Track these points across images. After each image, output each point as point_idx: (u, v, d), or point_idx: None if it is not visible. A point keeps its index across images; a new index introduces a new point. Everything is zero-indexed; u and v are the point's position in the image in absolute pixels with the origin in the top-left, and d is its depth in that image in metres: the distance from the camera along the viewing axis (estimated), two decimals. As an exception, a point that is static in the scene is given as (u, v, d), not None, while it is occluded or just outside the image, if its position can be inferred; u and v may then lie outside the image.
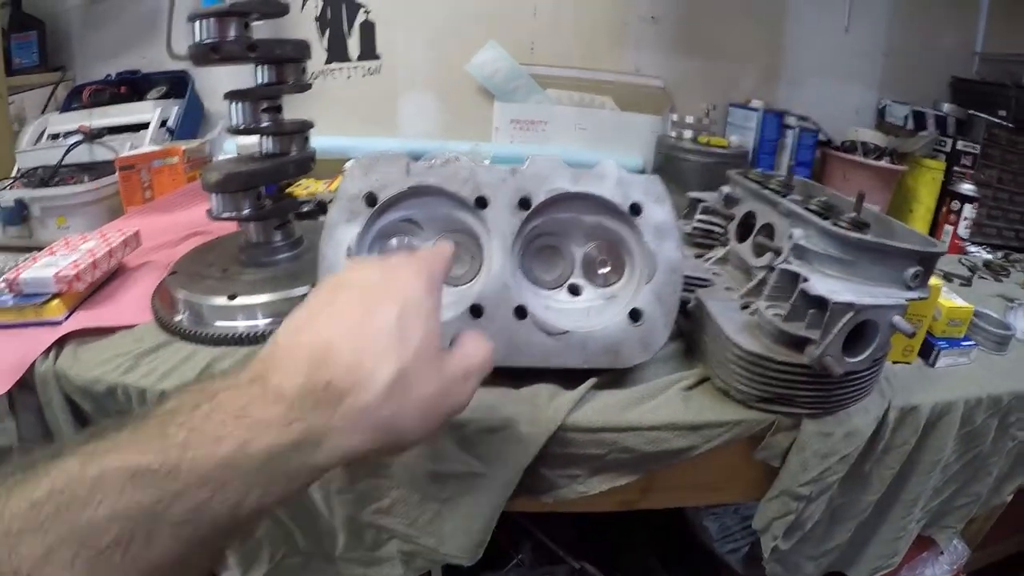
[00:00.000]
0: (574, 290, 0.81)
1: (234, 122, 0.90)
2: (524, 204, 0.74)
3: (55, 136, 1.50)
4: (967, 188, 1.57)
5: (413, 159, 0.75)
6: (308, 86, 0.94)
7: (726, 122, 1.79)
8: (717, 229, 1.05)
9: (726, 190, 1.05)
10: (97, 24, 1.70)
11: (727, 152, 1.56)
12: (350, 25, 1.68)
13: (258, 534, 0.83)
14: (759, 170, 1.06)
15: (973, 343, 0.99)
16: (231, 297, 0.86)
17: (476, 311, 0.73)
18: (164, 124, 1.55)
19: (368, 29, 1.68)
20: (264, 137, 0.93)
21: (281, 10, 0.90)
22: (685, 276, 0.83)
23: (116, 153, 1.37)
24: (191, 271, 0.94)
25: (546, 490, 0.78)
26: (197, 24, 0.84)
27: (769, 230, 0.90)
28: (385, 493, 0.77)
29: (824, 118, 1.72)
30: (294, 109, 0.96)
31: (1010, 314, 1.16)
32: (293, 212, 1.00)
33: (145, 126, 1.51)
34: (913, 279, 0.74)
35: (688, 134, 1.61)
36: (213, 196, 0.89)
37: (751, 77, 1.82)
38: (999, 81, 1.77)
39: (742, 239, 0.97)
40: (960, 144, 1.61)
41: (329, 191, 1.42)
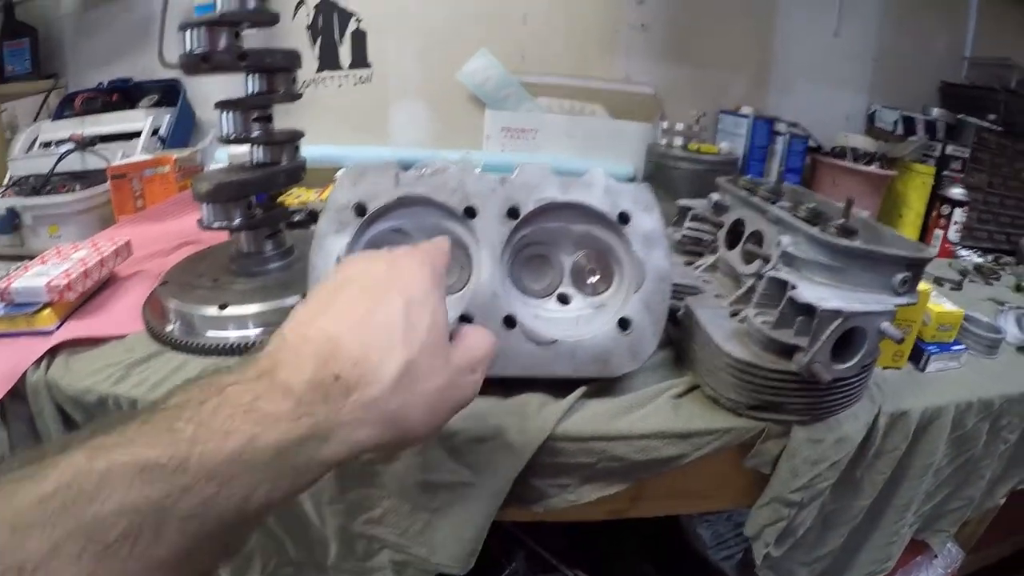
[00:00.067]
0: (563, 299, 0.81)
1: (225, 131, 0.90)
2: (513, 213, 0.74)
3: (47, 144, 1.50)
4: (957, 192, 1.57)
5: (404, 167, 0.75)
6: (298, 95, 0.94)
7: (716, 129, 1.79)
8: (706, 237, 1.06)
9: (715, 197, 1.05)
10: (89, 32, 1.70)
11: (717, 159, 1.56)
12: (341, 33, 1.68)
13: (250, 544, 0.83)
14: (748, 177, 1.07)
15: (963, 347, 1.00)
16: (222, 307, 0.86)
17: (465, 320, 0.73)
18: (156, 133, 1.55)
19: (359, 38, 1.68)
20: (255, 146, 0.93)
21: (271, 19, 0.90)
22: (674, 284, 0.83)
23: (108, 162, 1.37)
24: (182, 281, 0.94)
25: (536, 499, 0.78)
26: (187, 33, 0.83)
27: (758, 237, 0.91)
28: (376, 503, 0.76)
29: (814, 124, 1.73)
30: (286, 117, 0.96)
31: (1000, 318, 1.16)
32: (284, 222, 1.00)
33: (137, 134, 1.51)
34: (901, 285, 0.75)
35: (678, 141, 1.61)
36: (204, 206, 0.89)
37: (741, 84, 1.83)
38: (988, 85, 1.78)
39: (731, 246, 0.97)
40: (950, 149, 1.62)
41: (321, 200, 1.42)
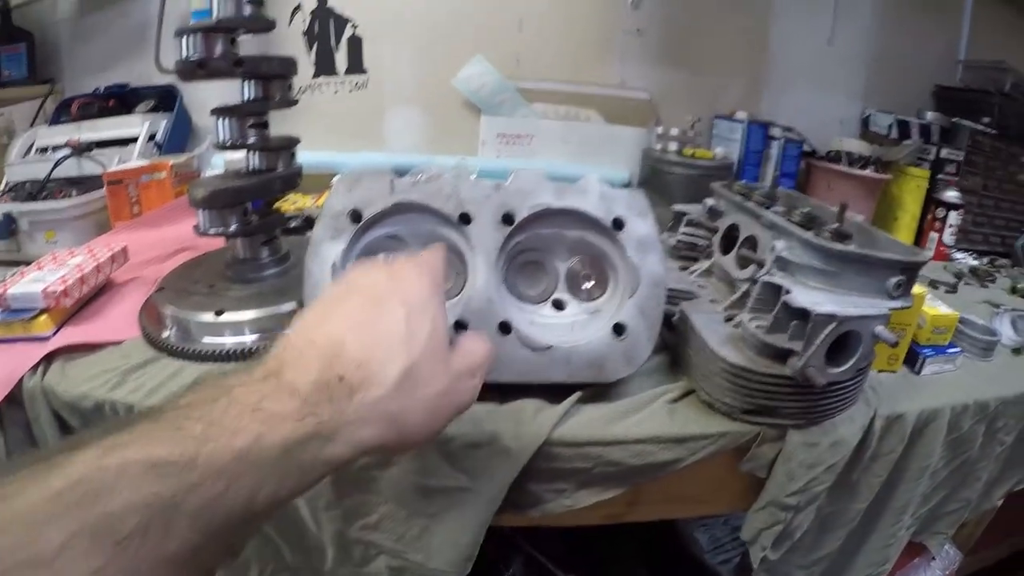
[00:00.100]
0: (558, 305, 0.81)
1: (221, 138, 0.90)
2: (507, 220, 0.74)
3: (43, 150, 1.50)
4: (952, 195, 1.58)
5: (400, 174, 0.75)
6: (294, 102, 0.94)
7: (711, 134, 1.79)
8: (701, 242, 1.06)
9: (710, 203, 1.05)
10: (86, 37, 1.70)
11: (712, 164, 1.56)
12: (337, 40, 1.68)
13: (247, 550, 0.83)
14: (742, 182, 1.07)
15: (959, 350, 1.00)
16: (218, 313, 0.86)
17: (460, 326, 0.73)
18: (152, 138, 1.55)
19: (355, 44, 1.69)
20: (251, 153, 0.93)
21: (267, 26, 0.90)
22: (669, 289, 0.83)
23: (104, 167, 1.37)
24: (178, 287, 0.94)
25: (533, 504, 0.78)
26: (184, 40, 0.84)
27: (752, 242, 0.91)
28: (372, 509, 0.77)
29: (809, 129, 1.73)
30: (282, 123, 0.96)
31: (996, 320, 1.17)
32: (280, 228, 1.00)
33: (133, 140, 1.51)
34: (896, 288, 0.75)
35: (673, 146, 1.61)
36: (200, 212, 0.89)
37: (736, 89, 1.83)
38: (983, 88, 1.78)
39: (726, 251, 0.98)
40: (944, 152, 1.63)
41: (317, 206, 1.42)
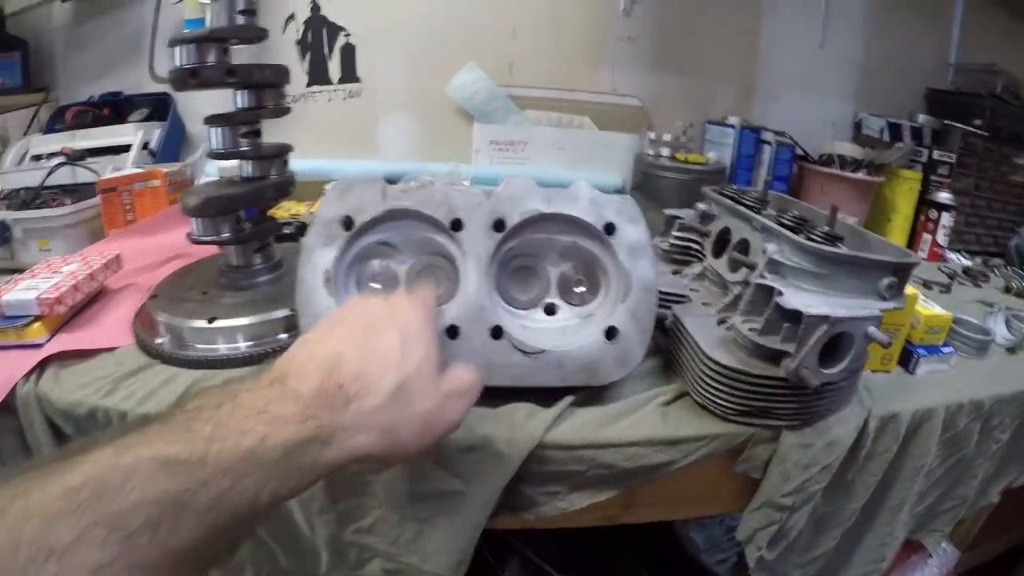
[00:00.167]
0: (550, 310, 0.81)
1: (213, 146, 0.90)
2: (498, 226, 0.75)
3: (38, 157, 1.50)
4: (944, 197, 1.59)
5: (393, 181, 0.76)
6: (287, 110, 0.94)
7: (703, 139, 1.80)
8: (694, 246, 1.06)
9: (702, 207, 1.05)
10: (81, 45, 1.71)
11: (705, 169, 1.57)
12: (331, 48, 1.69)
13: (241, 553, 0.83)
14: (734, 186, 1.07)
15: (952, 350, 1.00)
16: (211, 320, 0.86)
17: (452, 332, 0.73)
18: (146, 146, 1.55)
19: (349, 52, 1.69)
20: (243, 161, 0.93)
21: (260, 35, 0.90)
22: (662, 292, 0.84)
23: (98, 175, 1.37)
24: (171, 294, 0.94)
25: (527, 507, 0.78)
26: (177, 50, 0.84)
27: (744, 245, 0.91)
28: (366, 512, 0.77)
29: (801, 133, 1.73)
30: (276, 132, 0.96)
31: (989, 319, 1.17)
32: (273, 235, 1.00)
33: (127, 148, 1.51)
34: (888, 290, 0.75)
35: (666, 152, 1.61)
36: (193, 220, 0.89)
37: (728, 94, 1.84)
38: (974, 91, 1.80)
39: (718, 255, 0.98)
40: (936, 154, 1.64)
41: (310, 213, 1.42)
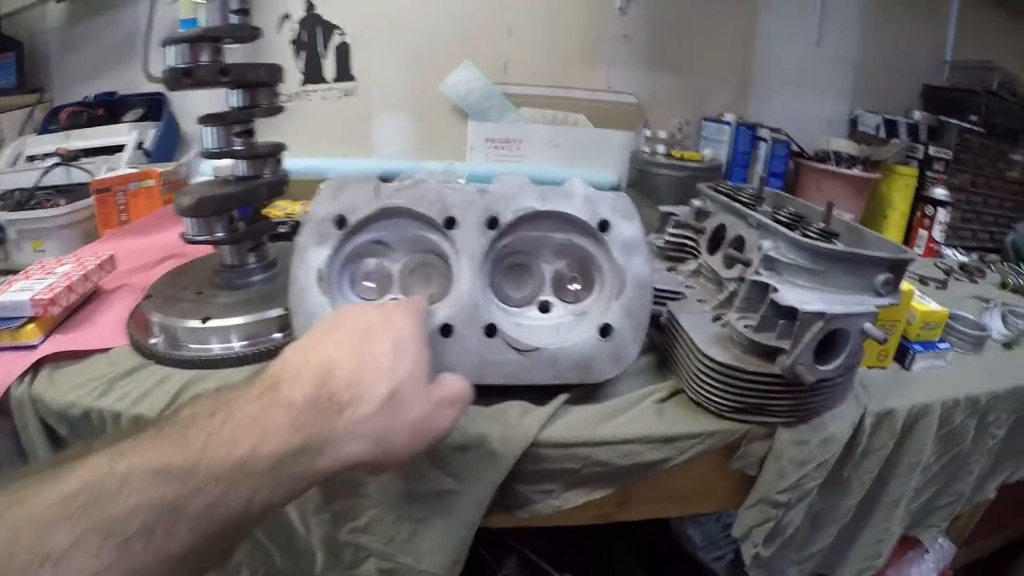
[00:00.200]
0: (544, 307, 0.81)
1: (207, 146, 0.90)
2: (492, 224, 0.74)
3: (32, 158, 1.50)
4: (940, 193, 1.59)
5: (389, 179, 0.76)
6: (280, 109, 0.94)
7: (699, 136, 1.80)
8: (689, 243, 1.06)
9: (697, 204, 1.05)
10: (75, 46, 1.70)
11: (701, 166, 1.57)
12: (326, 47, 1.68)
13: (237, 554, 0.83)
14: (730, 183, 1.07)
15: (949, 346, 1.00)
16: (204, 320, 0.86)
17: (446, 331, 0.73)
18: (141, 146, 1.54)
19: (343, 51, 1.69)
20: (237, 160, 0.93)
21: (253, 34, 0.90)
22: (657, 289, 0.83)
23: (92, 176, 1.36)
24: (165, 294, 0.94)
25: (521, 505, 0.78)
26: (170, 49, 0.83)
27: (739, 242, 0.91)
28: (361, 512, 0.77)
29: (797, 129, 1.73)
30: (272, 131, 0.96)
31: (985, 315, 1.17)
32: (267, 234, 1.00)
33: (122, 148, 1.51)
34: (883, 286, 0.75)
35: (661, 149, 1.61)
36: (186, 220, 0.89)
37: (723, 91, 1.83)
38: (970, 88, 1.80)
39: (713, 252, 0.98)
40: (932, 150, 1.64)
41: (305, 212, 1.42)
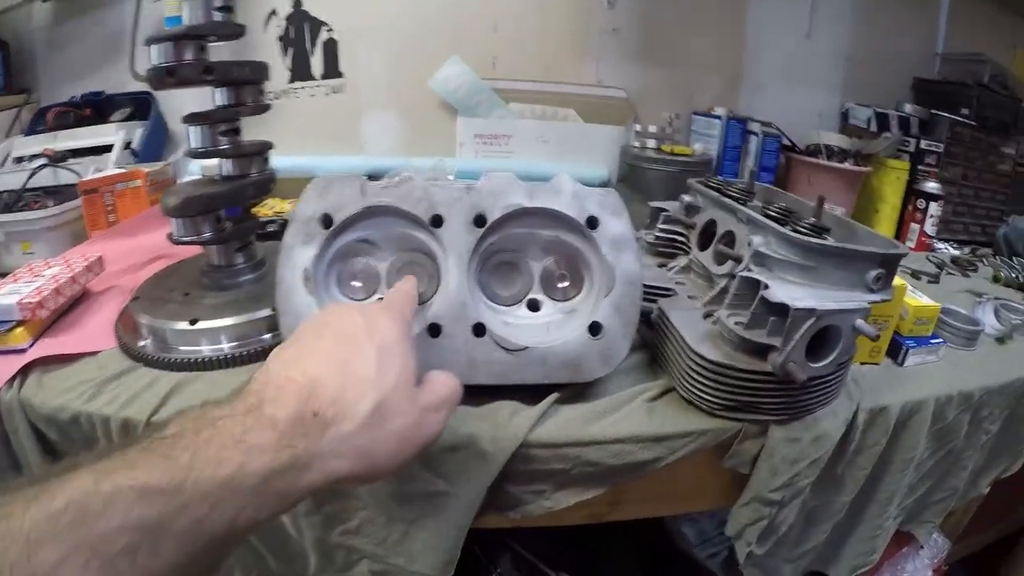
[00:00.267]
0: (533, 305, 0.81)
1: (193, 145, 0.89)
2: (479, 221, 0.74)
3: (20, 159, 1.48)
4: (932, 186, 1.59)
5: (378, 176, 0.75)
6: (267, 107, 0.93)
7: (690, 130, 1.79)
8: (679, 238, 1.06)
9: (687, 199, 1.05)
10: (62, 45, 1.68)
11: (691, 160, 1.56)
12: (313, 44, 1.67)
13: (229, 559, 0.83)
14: (720, 177, 1.07)
15: (941, 340, 1.00)
16: (192, 322, 0.85)
17: (434, 330, 0.73)
18: (128, 146, 1.53)
19: (331, 47, 1.68)
20: (224, 159, 0.92)
21: (238, 31, 0.89)
22: (647, 286, 0.83)
23: (80, 176, 1.36)
24: (153, 296, 0.93)
25: (513, 506, 0.78)
26: (153, 48, 0.83)
27: (730, 238, 0.90)
28: (352, 514, 0.76)
29: (787, 123, 1.73)
30: (259, 129, 0.95)
31: (978, 309, 1.17)
32: (255, 234, 0.99)
33: (110, 148, 1.50)
34: (875, 281, 0.75)
35: (652, 143, 1.61)
36: (173, 220, 0.88)
37: (714, 85, 1.83)
38: (961, 81, 1.80)
39: (704, 247, 0.97)
40: (924, 143, 1.64)
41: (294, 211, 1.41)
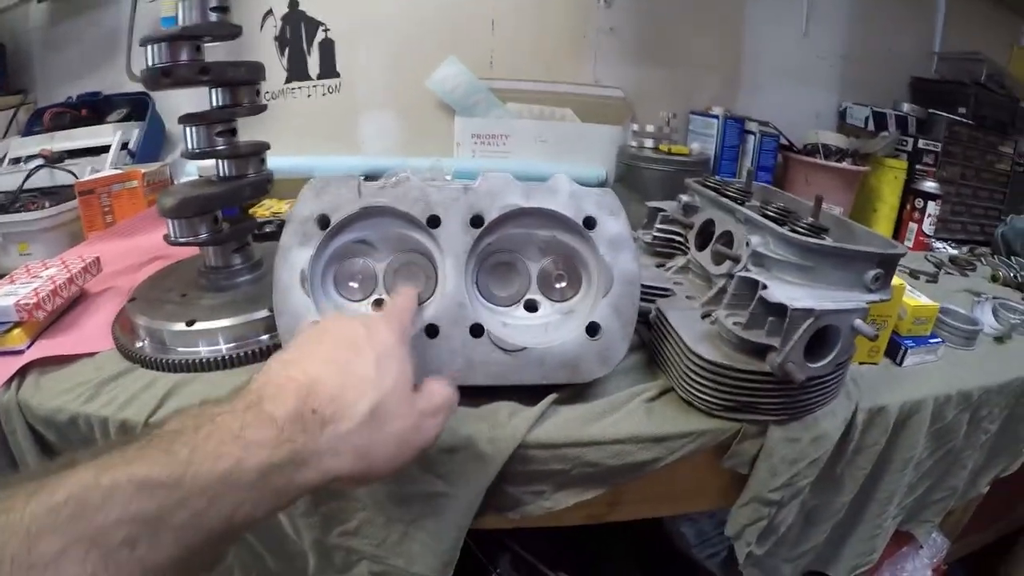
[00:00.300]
0: (531, 306, 0.80)
1: (189, 146, 0.89)
2: (476, 222, 0.74)
3: (16, 160, 1.48)
4: (930, 186, 1.59)
5: (375, 176, 0.75)
6: (263, 108, 0.93)
7: (687, 130, 1.79)
8: (677, 238, 1.05)
9: (684, 199, 1.05)
10: (58, 46, 1.68)
11: (689, 160, 1.56)
12: (309, 44, 1.67)
13: (228, 559, 0.83)
14: (717, 177, 1.07)
15: (940, 340, 1.00)
16: (190, 323, 0.85)
17: (432, 331, 0.73)
18: (125, 147, 1.53)
19: (328, 47, 1.68)
20: (220, 160, 0.91)
21: (233, 32, 0.89)
22: (645, 286, 0.83)
23: (77, 177, 1.36)
24: (150, 297, 0.93)
25: (512, 507, 0.78)
26: (149, 48, 0.83)
27: (728, 237, 0.90)
28: (351, 515, 0.76)
29: (785, 122, 1.73)
30: (256, 129, 0.95)
31: (977, 308, 1.17)
32: (252, 234, 0.99)
33: (107, 149, 1.49)
34: (874, 281, 0.75)
35: (649, 143, 1.61)
36: (169, 221, 0.88)
37: (711, 84, 1.83)
38: (958, 79, 1.80)
39: (702, 247, 0.97)
40: (921, 143, 1.65)
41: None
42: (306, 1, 1.63)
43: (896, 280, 0.85)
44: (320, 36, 1.66)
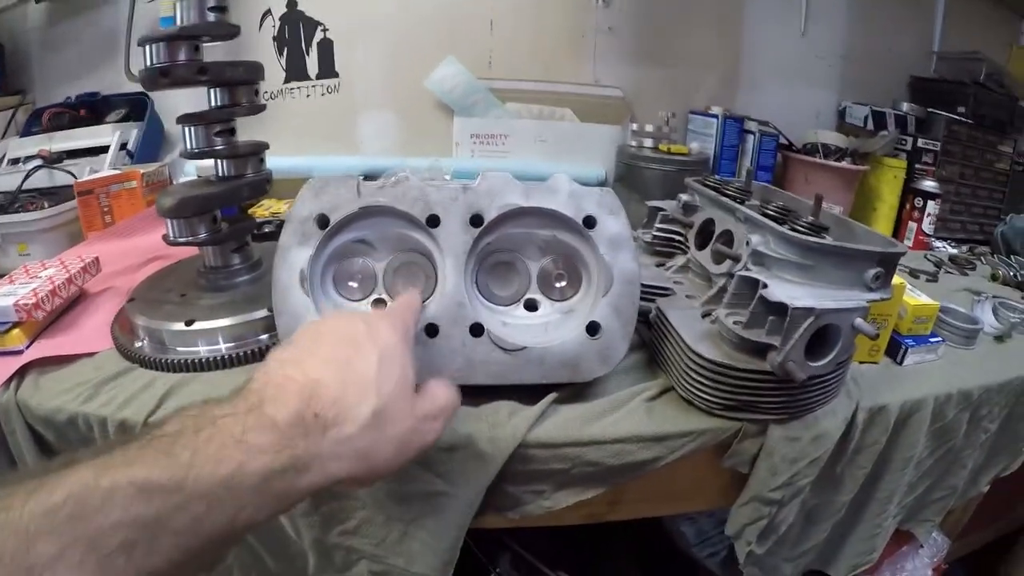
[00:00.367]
0: (531, 305, 0.80)
1: (188, 146, 0.89)
2: (476, 221, 0.74)
3: (15, 161, 1.48)
4: (929, 185, 1.59)
5: (374, 176, 0.75)
6: (262, 107, 0.93)
7: (686, 129, 1.79)
8: (677, 237, 1.05)
9: (684, 198, 1.04)
10: (56, 46, 1.68)
11: (688, 159, 1.55)
12: (308, 44, 1.67)
13: (228, 559, 0.82)
14: (717, 176, 1.06)
15: (940, 339, 1.00)
16: (189, 323, 0.85)
17: (431, 330, 0.73)
18: (124, 147, 1.53)
19: (326, 47, 1.67)
20: (219, 160, 0.91)
21: (232, 32, 0.89)
22: (645, 285, 0.83)
23: (76, 178, 1.36)
24: (149, 297, 0.93)
25: (512, 506, 0.78)
26: (147, 48, 0.83)
27: (728, 237, 0.90)
28: (351, 514, 0.76)
29: (784, 122, 1.73)
30: (255, 129, 0.95)
31: (977, 307, 1.17)
32: (251, 234, 0.99)
33: (106, 149, 1.49)
34: (874, 280, 0.75)
35: (648, 143, 1.60)
36: (168, 221, 0.88)
37: (710, 84, 1.82)
38: (957, 79, 1.80)
39: (702, 247, 0.97)
40: (921, 142, 1.64)
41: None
42: (305, 1, 1.63)
43: (896, 279, 0.85)
44: (319, 36, 1.66)
